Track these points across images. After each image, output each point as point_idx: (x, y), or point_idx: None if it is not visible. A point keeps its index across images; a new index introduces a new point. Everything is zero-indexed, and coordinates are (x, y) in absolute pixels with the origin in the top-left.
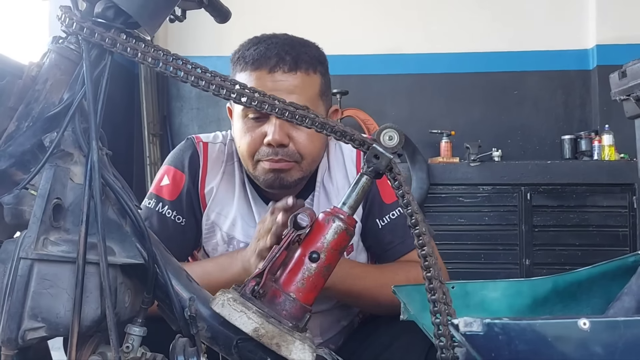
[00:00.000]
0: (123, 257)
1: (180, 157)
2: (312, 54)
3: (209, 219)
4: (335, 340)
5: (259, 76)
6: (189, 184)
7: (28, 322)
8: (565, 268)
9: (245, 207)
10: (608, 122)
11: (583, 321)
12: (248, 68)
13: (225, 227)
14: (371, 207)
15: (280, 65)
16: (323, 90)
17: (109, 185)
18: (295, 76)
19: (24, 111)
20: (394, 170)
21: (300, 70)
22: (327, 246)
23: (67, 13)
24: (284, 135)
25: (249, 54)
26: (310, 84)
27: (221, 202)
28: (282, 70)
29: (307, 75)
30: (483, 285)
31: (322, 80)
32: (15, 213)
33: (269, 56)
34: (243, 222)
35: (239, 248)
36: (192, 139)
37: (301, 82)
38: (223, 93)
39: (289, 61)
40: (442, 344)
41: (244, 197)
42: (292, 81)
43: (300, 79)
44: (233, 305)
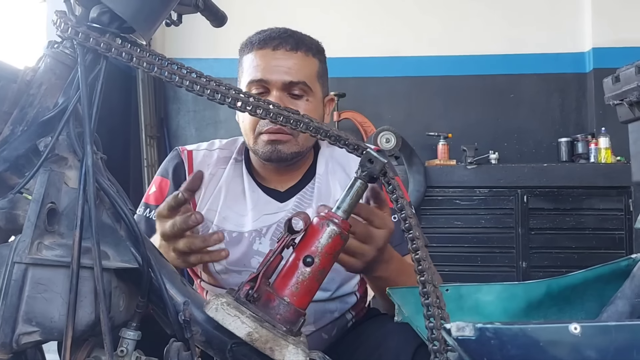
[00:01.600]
0: (117, 261)
1: (166, 167)
2: (312, 41)
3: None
4: (328, 329)
5: (263, 54)
6: (173, 189)
7: (22, 326)
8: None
9: (235, 198)
10: (604, 124)
11: (574, 326)
12: (254, 48)
13: (216, 221)
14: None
15: (282, 44)
16: (320, 74)
17: (103, 190)
18: (296, 55)
19: (18, 115)
20: (388, 174)
21: (301, 51)
22: (322, 250)
23: (63, 18)
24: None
25: (255, 38)
26: (308, 64)
27: (210, 199)
28: (285, 48)
29: (307, 56)
30: (477, 288)
31: (320, 66)
32: (9, 217)
33: (273, 37)
34: (233, 213)
35: (230, 238)
36: (177, 149)
37: (301, 61)
38: (217, 97)
39: (291, 42)
40: (436, 348)
41: (234, 189)
42: (293, 59)
43: (300, 59)
44: (227, 309)
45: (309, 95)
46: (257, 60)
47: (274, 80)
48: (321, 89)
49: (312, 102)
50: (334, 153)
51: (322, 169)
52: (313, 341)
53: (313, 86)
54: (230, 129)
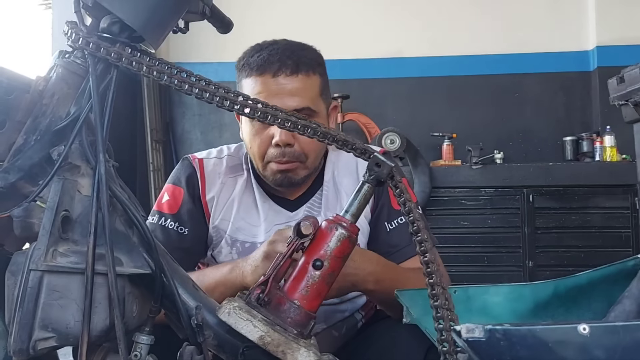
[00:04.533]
0: (131, 267)
1: (178, 175)
2: (311, 56)
3: (213, 224)
4: (338, 327)
5: (263, 81)
6: (187, 197)
7: (38, 332)
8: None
9: (247, 209)
10: (609, 123)
11: (583, 326)
12: (253, 74)
13: (229, 231)
14: (380, 211)
15: (282, 69)
16: (323, 90)
17: (116, 197)
18: (297, 79)
19: (31, 125)
20: (396, 178)
21: (301, 73)
22: (331, 254)
23: (74, 28)
24: (289, 136)
25: (253, 61)
26: (311, 85)
27: (223, 208)
28: (285, 73)
29: (308, 77)
30: (485, 289)
31: (322, 80)
32: (24, 225)
33: (271, 61)
34: (246, 224)
35: (243, 249)
36: (188, 157)
37: (303, 84)
38: (227, 104)
39: (290, 65)
40: (445, 350)
41: (247, 200)
42: (294, 84)
43: (302, 81)
44: (239, 313)
45: (313, 117)
46: (258, 87)
47: None
48: (324, 103)
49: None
50: (340, 158)
51: (329, 175)
52: (323, 339)
53: (317, 106)
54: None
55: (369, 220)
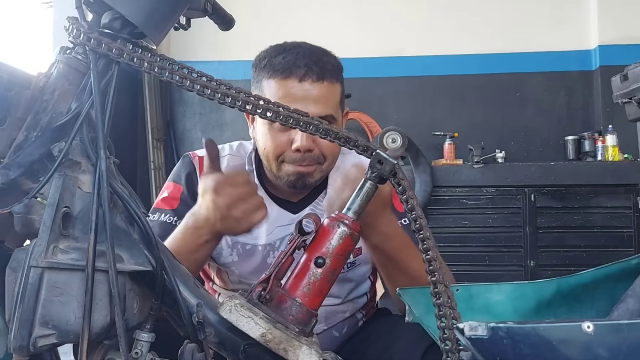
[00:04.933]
0: (131, 264)
1: (178, 172)
2: (334, 63)
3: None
4: (339, 327)
5: (288, 84)
6: (186, 193)
7: (39, 329)
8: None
9: None
10: (611, 122)
11: (587, 324)
12: (277, 75)
13: None
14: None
15: (309, 74)
16: (342, 97)
17: (116, 194)
18: (322, 85)
19: (32, 121)
20: (398, 175)
21: (326, 80)
22: (333, 251)
23: (75, 24)
24: (311, 142)
25: (277, 62)
26: (334, 92)
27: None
28: (311, 79)
29: (332, 85)
30: (487, 288)
31: (341, 89)
32: (25, 222)
33: (298, 65)
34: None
35: (243, 250)
36: (189, 155)
37: (327, 91)
38: (228, 101)
39: (316, 71)
40: (448, 348)
41: None
42: (319, 90)
43: (326, 89)
44: (240, 310)
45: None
46: (282, 90)
47: None
48: (342, 111)
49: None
50: (344, 161)
51: (332, 180)
52: (324, 339)
53: (337, 114)
54: (236, 130)
55: None
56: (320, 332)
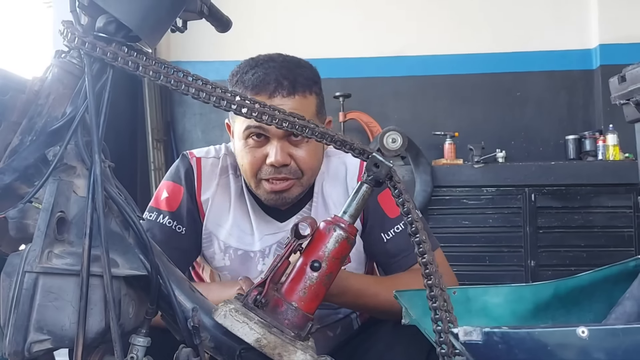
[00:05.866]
0: (126, 268)
1: (177, 172)
2: (308, 75)
3: (206, 228)
4: (332, 328)
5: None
6: (186, 195)
7: (34, 334)
8: (570, 269)
9: (241, 216)
10: (612, 121)
11: (582, 329)
12: (248, 92)
13: (222, 236)
14: (373, 223)
15: (279, 90)
16: (319, 109)
17: (111, 198)
18: (294, 100)
19: (27, 125)
20: (394, 178)
21: (298, 94)
22: (329, 255)
23: (69, 28)
24: (285, 156)
25: (247, 79)
26: (307, 105)
27: (217, 213)
28: (281, 95)
29: (304, 98)
30: (485, 290)
31: (318, 99)
32: (19, 227)
33: (267, 81)
34: (239, 231)
35: (235, 256)
36: (186, 154)
37: (299, 104)
38: (224, 104)
39: (287, 86)
40: (444, 352)
41: (240, 207)
42: (290, 104)
43: (298, 102)
44: (235, 315)
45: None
46: None
47: (274, 130)
48: (320, 121)
49: (312, 142)
50: (329, 167)
51: (318, 187)
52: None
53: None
54: None
55: (360, 232)
56: (314, 331)
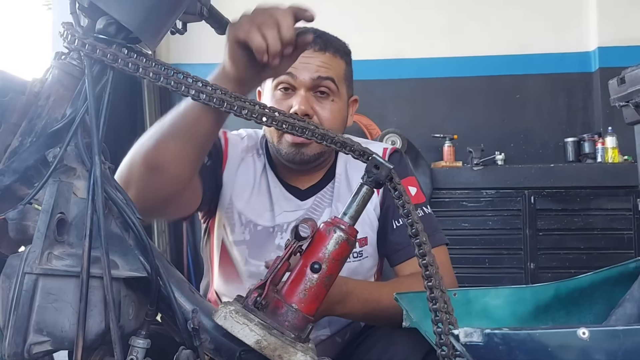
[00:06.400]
0: (126, 270)
1: None
2: (340, 43)
3: (229, 200)
4: (342, 334)
5: None
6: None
7: (33, 336)
8: (570, 272)
9: (262, 193)
10: (611, 124)
11: (582, 331)
12: None
13: (243, 209)
14: (388, 209)
15: (311, 44)
16: (347, 76)
17: (111, 199)
18: (324, 55)
19: (27, 127)
20: (394, 180)
21: (329, 52)
22: (329, 257)
23: (69, 29)
24: (309, 107)
25: None
26: (337, 65)
27: (239, 186)
28: (313, 49)
29: (334, 57)
30: (485, 292)
31: (347, 68)
32: (19, 228)
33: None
34: (260, 207)
35: (255, 231)
36: None
37: (329, 60)
38: (224, 106)
39: (319, 42)
40: (444, 354)
41: (262, 184)
42: (321, 59)
43: (329, 59)
44: (235, 317)
45: (334, 96)
46: None
47: (302, 78)
48: (347, 90)
49: (337, 102)
50: None
51: (342, 168)
52: (327, 346)
53: (340, 86)
54: None
55: (378, 215)
56: (325, 338)
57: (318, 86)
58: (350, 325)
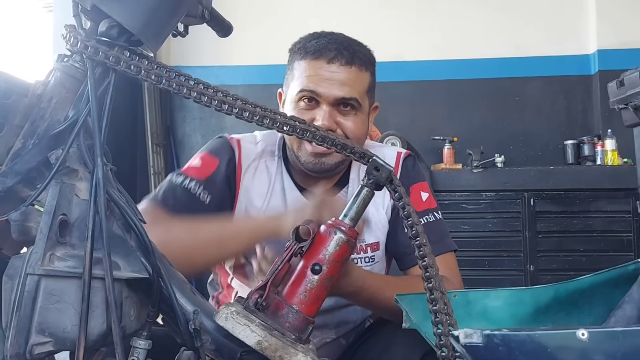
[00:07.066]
0: (128, 271)
1: (215, 147)
2: (366, 53)
3: (242, 207)
4: (347, 337)
5: (317, 65)
6: (220, 169)
7: (35, 337)
8: (569, 274)
9: (276, 198)
10: (610, 126)
11: (582, 332)
12: (308, 57)
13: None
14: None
15: (338, 57)
16: (370, 88)
17: (113, 201)
18: (350, 70)
19: (29, 129)
20: (394, 182)
21: (355, 66)
22: (329, 258)
23: (72, 32)
24: (332, 122)
25: (310, 45)
26: (361, 79)
27: (254, 195)
28: (340, 62)
29: (360, 71)
30: (485, 294)
31: (371, 79)
32: (22, 229)
33: (329, 48)
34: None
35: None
36: (225, 136)
37: (355, 76)
38: (225, 108)
39: (346, 55)
40: (444, 355)
41: (276, 189)
42: (347, 74)
43: (354, 74)
44: (236, 318)
45: (357, 110)
46: (310, 70)
47: (327, 94)
48: (369, 100)
49: (359, 116)
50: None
51: (355, 174)
52: (332, 348)
53: (362, 101)
54: None
55: (389, 218)
56: (330, 341)
57: (341, 103)
58: (356, 329)
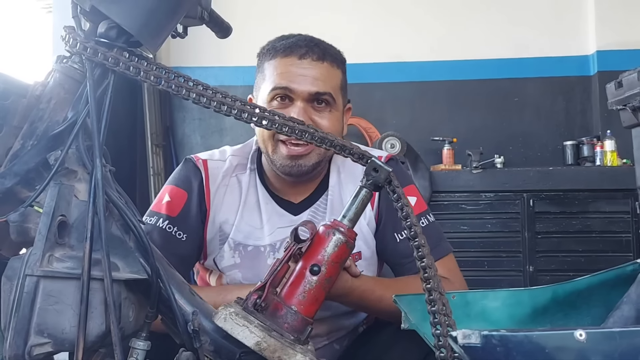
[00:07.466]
0: (127, 272)
1: (181, 176)
2: (336, 51)
3: (214, 230)
4: (340, 341)
5: (289, 62)
6: (189, 201)
7: (34, 338)
8: (568, 274)
9: (251, 212)
10: (610, 127)
11: (579, 332)
12: (278, 55)
13: (232, 234)
14: (387, 222)
15: (309, 54)
16: (343, 86)
17: (112, 202)
18: (322, 65)
19: (28, 130)
20: (393, 183)
21: (327, 62)
22: (328, 259)
23: (71, 33)
24: (307, 118)
25: (280, 45)
26: (334, 75)
27: (226, 213)
28: (311, 58)
29: (332, 68)
30: (484, 294)
31: (343, 77)
32: (20, 230)
33: (299, 45)
34: (249, 227)
35: (245, 252)
36: (191, 158)
37: (327, 72)
38: (224, 109)
39: (317, 52)
40: (443, 356)
41: (250, 202)
42: (319, 69)
43: (326, 69)
44: (235, 319)
45: (332, 107)
46: (282, 67)
47: (300, 90)
48: (343, 99)
49: (334, 113)
50: (345, 162)
51: (335, 179)
52: (325, 353)
53: (336, 97)
54: (235, 136)
55: (374, 230)
56: (322, 346)
57: (316, 99)
58: (349, 334)
